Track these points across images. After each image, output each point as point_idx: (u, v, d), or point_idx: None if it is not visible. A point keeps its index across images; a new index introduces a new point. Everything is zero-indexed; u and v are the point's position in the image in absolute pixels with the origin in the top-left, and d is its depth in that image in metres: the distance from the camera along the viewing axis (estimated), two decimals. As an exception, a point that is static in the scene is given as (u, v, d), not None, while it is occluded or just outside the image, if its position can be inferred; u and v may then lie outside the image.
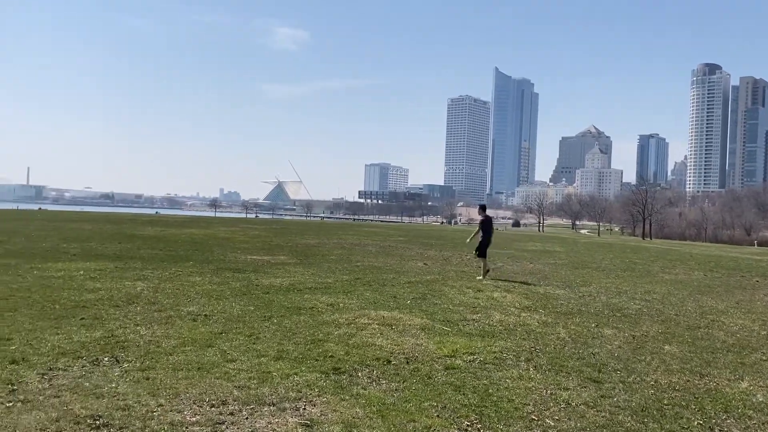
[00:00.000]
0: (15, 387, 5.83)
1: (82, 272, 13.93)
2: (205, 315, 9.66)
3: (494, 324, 10.19)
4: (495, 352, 8.18)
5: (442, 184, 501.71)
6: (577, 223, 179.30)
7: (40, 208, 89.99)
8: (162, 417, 5.26)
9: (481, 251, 16.98)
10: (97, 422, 5.06)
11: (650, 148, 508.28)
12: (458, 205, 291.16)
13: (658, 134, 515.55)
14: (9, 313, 9.14)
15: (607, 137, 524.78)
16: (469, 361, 7.64)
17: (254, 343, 7.94)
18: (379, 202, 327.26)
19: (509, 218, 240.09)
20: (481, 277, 16.58)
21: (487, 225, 17.18)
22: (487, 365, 7.53)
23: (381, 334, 8.90)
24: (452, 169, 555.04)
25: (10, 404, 5.38)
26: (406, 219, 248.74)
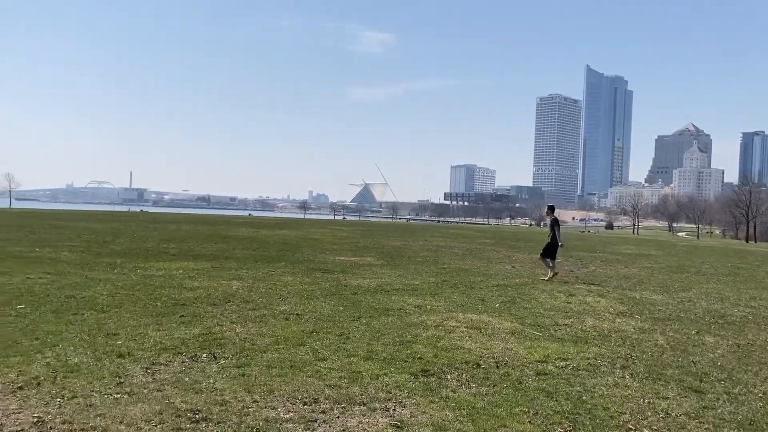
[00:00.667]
0: (122, 380, 6.16)
1: (181, 271, 14.58)
2: (297, 314, 9.89)
3: (587, 329, 9.89)
4: (588, 359, 7.93)
5: (531, 185, 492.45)
6: (675, 225, 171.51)
7: (141, 210, 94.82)
8: (257, 413, 5.42)
9: (549, 252, 16.69)
10: (197, 416, 5.27)
11: (755, 146, 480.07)
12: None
13: (763, 132, 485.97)
14: (115, 309, 9.69)
15: (707, 135, 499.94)
16: (562, 367, 7.45)
17: (344, 343, 8.06)
18: (465, 203, 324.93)
19: (602, 220, 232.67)
20: (546, 279, 16.33)
21: (555, 225, 16.97)
22: (580, 372, 7.31)
23: (469, 337, 8.82)
24: (541, 170, 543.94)
25: (118, 396, 5.69)
26: (492, 221, 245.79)
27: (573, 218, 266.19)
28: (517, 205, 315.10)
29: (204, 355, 7.21)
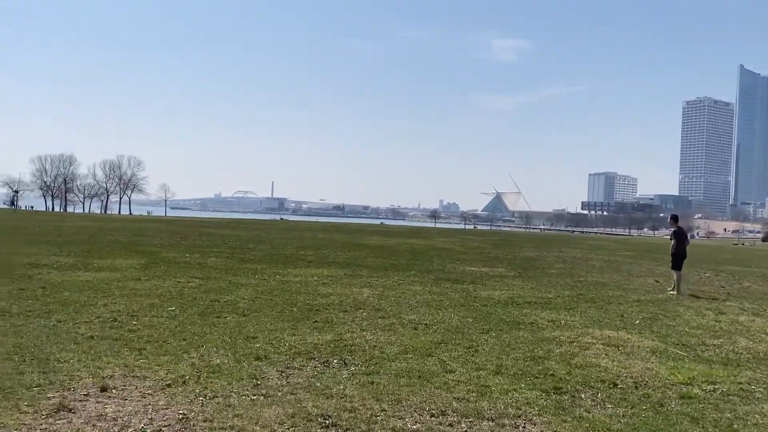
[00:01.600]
0: (258, 382, 6.45)
1: (316, 278, 15.09)
2: (426, 324, 9.89)
3: (740, 351, 9.09)
4: (741, 383, 7.28)
5: (677, 194, 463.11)
6: None
7: (281, 219, 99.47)
8: (385, 422, 5.46)
9: (676, 263, 15.80)
10: (327, 421, 5.40)
11: None
12: (695, 216, 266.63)
13: None
14: (254, 313, 10.19)
15: None
16: (709, 391, 6.89)
17: (473, 356, 7.95)
18: (604, 213, 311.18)
19: (758, 232, 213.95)
20: (673, 292, 15.42)
21: (680, 236, 16.26)
22: (730, 397, 6.73)
23: (606, 354, 8.40)
24: (688, 178, 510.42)
25: (254, 397, 5.96)
26: (634, 231, 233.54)
27: (725, 230, 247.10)
28: (661, 215, 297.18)
29: (335, 361, 7.39)
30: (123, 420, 5.24)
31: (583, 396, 6.49)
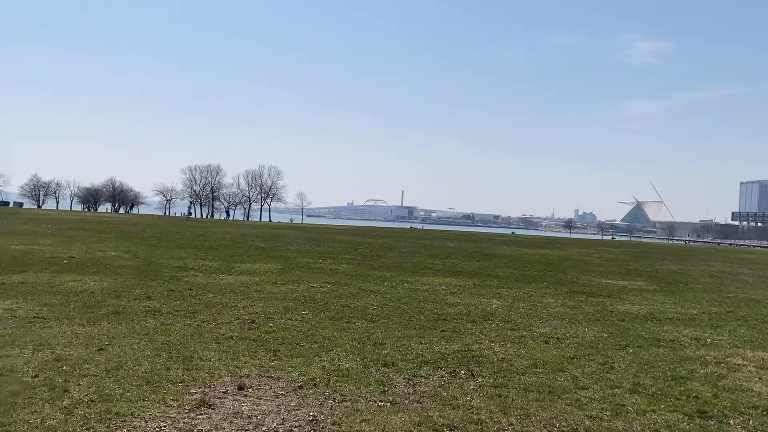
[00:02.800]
0: (386, 388, 6.52)
1: (443, 287, 15.07)
2: (557, 338, 9.56)
3: None
4: None
5: None
6: None
7: (411, 227, 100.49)
8: (512, 436, 5.31)
9: None
10: (453, 432, 5.34)
11: None
12: None
13: None
14: (383, 320, 10.33)
15: None
16: None
17: (607, 372, 7.57)
18: (759, 224, 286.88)
19: None
20: None
21: None
22: None
23: (759, 378, 7.69)
24: None
25: (382, 403, 6.02)
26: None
27: None
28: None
29: (462, 372, 7.31)
30: (257, 419, 5.48)
31: (731, 422, 5.98)
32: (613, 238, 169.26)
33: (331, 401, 6.01)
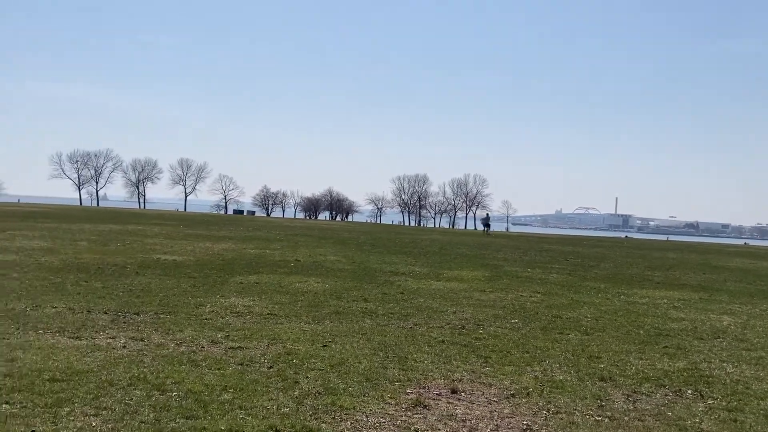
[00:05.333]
0: (603, 403, 6.23)
1: (665, 301, 14.02)
2: (805, 362, 8.42)
3: None
4: None
5: None
6: None
7: (626, 237, 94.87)
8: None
9: None
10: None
11: None
12: None
13: None
14: (598, 333, 9.88)
15: None
16: None
17: None
18: None
19: None
20: None
21: None
22: None
23: None
24: None
25: (599, 418, 5.77)
26: None
27: None
28: None
29: (689, 392, 6.75)
30: (471, 423, 5.54)
31: None
32: None
33: (545, 412, 5.89)
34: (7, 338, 7.64)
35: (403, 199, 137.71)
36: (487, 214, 55.52)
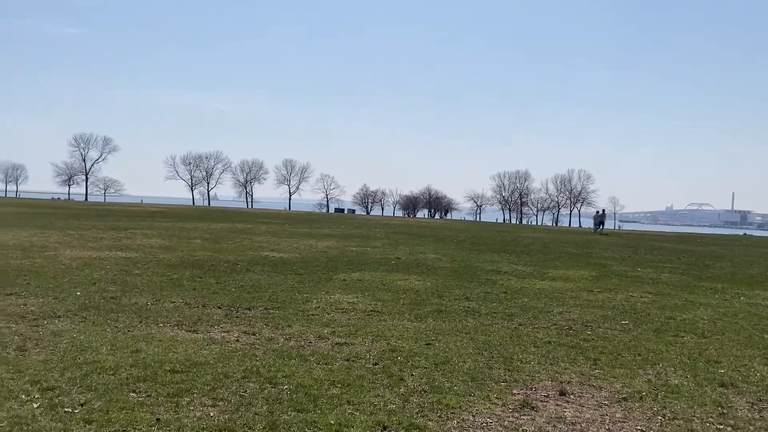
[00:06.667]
0: (724, 410, 5.89)
1: (791, 303, 13.06)
2: None
3: None
4: None
5: None
6: None
7: (744, 234, 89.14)
8: None
9: None
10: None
11: None
12: None
13: None
14: (716, 336, 9.34)
15: None
16: None
17: None
18: None
19: None
20: None
21: None
22: None
23: None
24: None
25: (720, 426, 5.47)
26: None
27: None
28: None
29: (822, 402, 6.25)
30: (581, 426, 5.39)
31: None
32: None
33: (660, 417, 5.64)
34: (132, 330, 8.17)
35: (504, 196, 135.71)
36: (602, 211, 51.06)
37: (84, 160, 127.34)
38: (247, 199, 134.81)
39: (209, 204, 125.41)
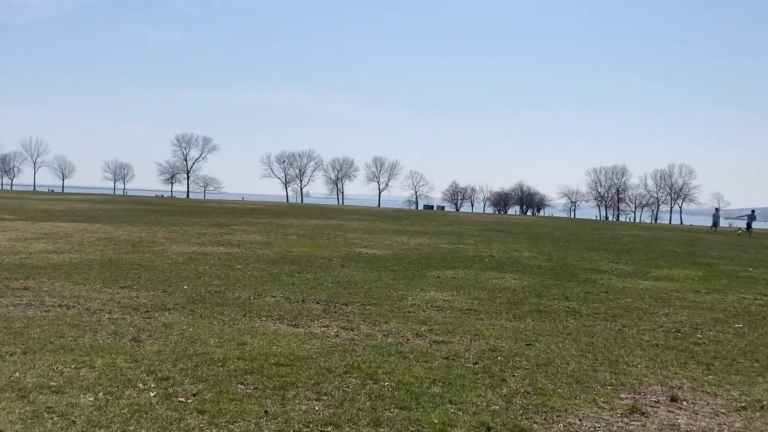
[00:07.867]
0: None
1: None
2: None
3: None
4: None
5: None
6: None
7: None
8: None
9: None
10: None
11: None
12: None
13: None
14: (844, 343, 8.64)
15: None
16: None
17: None
18: None
19: None
20: None
21: None
22: None
23: None
24: None
25: None
26: None
27: None
28: None
29: None
30: (697, 435, 5.12)
31: None
32: None
33: (785, 430, 5.27)
34: (237, 324, 8.46)
35: (599, 192, 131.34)
36: (752, 212, 43.40)
37: (185, 159, 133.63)
38: (338, 195, 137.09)
39: (302, 201, 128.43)
